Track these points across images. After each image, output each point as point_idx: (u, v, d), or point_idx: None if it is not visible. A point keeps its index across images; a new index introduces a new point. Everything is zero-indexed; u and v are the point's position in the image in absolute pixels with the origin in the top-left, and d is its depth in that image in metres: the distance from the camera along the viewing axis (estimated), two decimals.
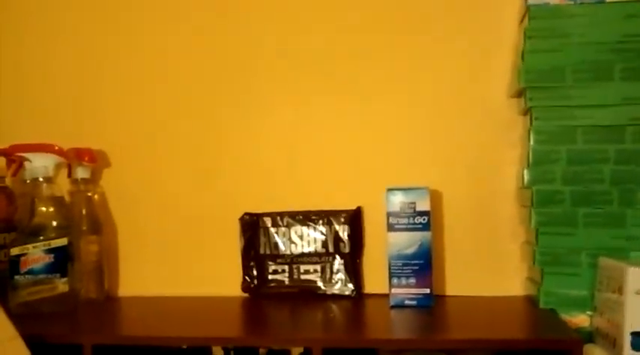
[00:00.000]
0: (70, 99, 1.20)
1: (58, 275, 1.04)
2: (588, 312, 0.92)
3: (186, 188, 1.16)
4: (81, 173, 1.13)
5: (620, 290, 0.79)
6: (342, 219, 1.09)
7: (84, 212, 1.13)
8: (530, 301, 1.00)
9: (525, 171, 0.96)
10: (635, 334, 0.77)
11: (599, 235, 0.93)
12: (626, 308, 0.78)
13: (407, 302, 0.99)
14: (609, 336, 0.83)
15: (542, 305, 0.94)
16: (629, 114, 0.92)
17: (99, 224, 1.14)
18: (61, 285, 1.04)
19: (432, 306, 0.99)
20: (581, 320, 0.92)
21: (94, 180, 1.16)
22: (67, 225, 1.07)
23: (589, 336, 0.90)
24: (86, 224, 1.12)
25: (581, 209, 0.93)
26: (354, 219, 1.10)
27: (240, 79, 1.14)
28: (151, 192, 1.17)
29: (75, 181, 1.13)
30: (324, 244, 1.10)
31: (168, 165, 1.17)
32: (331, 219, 1.10)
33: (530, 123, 0.95)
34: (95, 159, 1.15)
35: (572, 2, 0.93)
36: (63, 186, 1.11)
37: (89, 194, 1.14)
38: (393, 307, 0.99)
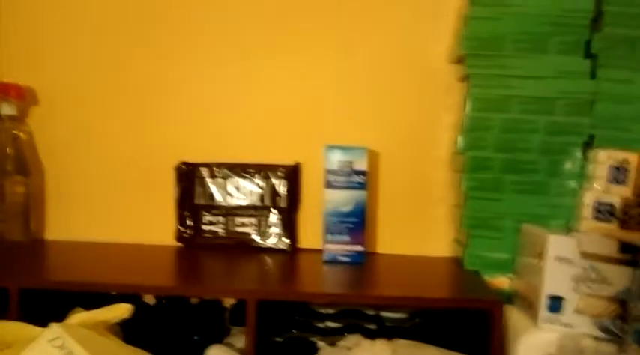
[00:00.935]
0: (3, 32, 1.13)
1: None
2: (509, 275, 0.97)
3: (121, 133, 1.13)
4: (6, 109, 1.08)
5: (540, 255, 0.84)
6: (280, 174, 1.10)
7: (10, 151, 1.08)
8: (456, 262, 1.05)
9: (459, 137, 0.99)
10: (551, 297, 0.82)
11: (525, 202, 0.97)
12: (545, 273, 0.82)
13: (340, 258, 1.02)
14: (527, 298, 0.88)
15: (466, 267, 0.99)
16: (561, 87, 0.95)
17: (26, 165, 1.10)
18: None
19: (363, 263, 1.02)
20: (501, 281, 0.97)
21: (21, 118, 1.11)
22: None
23: (508, 298, 0.95)
24: (12, 164, 1.08)
25: (509, 176, 0.97)
26: (292, 174, 1.10)
27: (182, 27, 1.11)
28: (83, 134, 1.13)
29: (0, 118, 1.08)
30: (261, 198, 1.10)
31: (103, 108, 1.13)
32: (269, 173, 1.10)
33: (468, 90, 0.98)
34: (23, 96, 1.09)
35: None
36: None
37: (15, 132, 1.09)
38: (326, 262, 1.02)
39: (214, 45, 1.11)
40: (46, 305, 0.89)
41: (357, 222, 1.01)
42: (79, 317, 0.80)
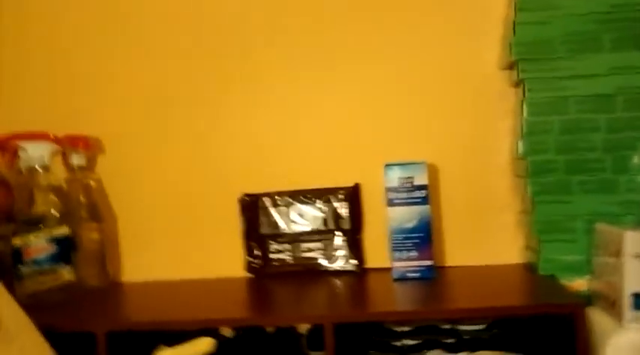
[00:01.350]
0: (63, 87, 1.19)
1: (62, 264, 1.04)
2: (586, 277, 0.95)
3: (184, 171, 1.17)
4: (76, 160, 1.13)
5: (618, 253, 0.82)
6: (341, 196, 1.11)
7: (82, 199, 1.13)
8: (529, 268, 1.03)
9: (519, 142, 0.98)
10: (635, 295, 0.80)
11: (594, 202, 0.96)
12: (625, 271, 0.81)
13: (409, 274, 1.02)
14: (609, 299, 0.86)
15: (541, 272, 0.98)
16: (617, 83, 0.94)
17: (98, 211, 1.14)
18: (66, 274, 1.05)
19: (434, 278, 1.01)
20: (579, 284, 0.95)
21: (90, 167, 1.16)
22: (67, 213, 1.07)
23: (587, 299, 0.93)
24: (85, 211, 1.12)
25: (575, 177, 0.96)
26: (353, 195, 1.11)
27: (234, 58, 1.15)
28: (148, 176, 1.17)
29: (71, 169, 1.13)
30: (324, 221, 1.12)
31: (164, 148, 1.17)
32: (330, 196, 1.11)
33: (523, 95, 0.98)
34: (90, 146, 1.15)
35: None
36: (59, 175, 1.11)
37: (86, 181, 1.14)
38: (395, 280, 1.02)
39: (265, 73, 1.14)
40: (130, 346, 0.92)
41: (422, 237, 1.01)
42: (166, 354, 0.82)
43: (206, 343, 0.82)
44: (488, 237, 1.10)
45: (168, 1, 1.16)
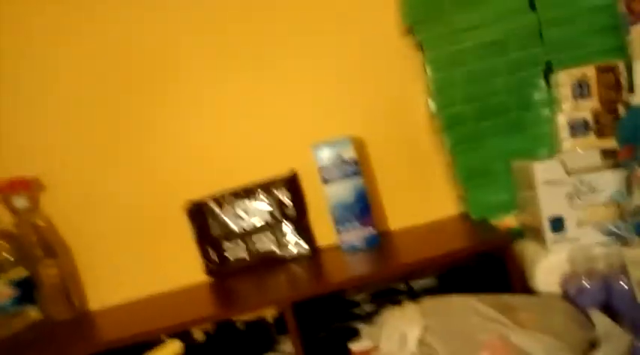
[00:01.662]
0: None
1: (27, 304, 1.07)
2: (513, 212, 1.02)
3: (127, 191, 1.19)
4: (19, 203, 1.15)
5: (531, 185, 0.89)
6: (281, 185, 1.16)
7: (34, 239, 1.15)
8: (464, 216, 1.09)
9: (429, 100, 1.04)
10: (552, 219, 0.87)
11: (507, 142, 1.02)
12: (539, 199, 0.87)
13: (356, 244, 1.07)
14: (533, 228, 0.93)
15: (473, 217, 1.04)
16: (506, 27, 1.00)
17: (52, 247, 1.16)
18: (33, 313, 1.08)
19: (379, 243, 1.07)
20: (508, 221, 1.02)
21: (34, 207, 1.18)
22: (21, 256, 1.10)
23: (519, 234, 0.99)
24: (39, 250, 1.15)
25: (485, 122, 1.02)
26: (292, 182, 1.16)
27: (162, 70, 1.17)
28: (94, 204, 1.19)
29: (16, 212, 1.15)
30: (271, 213, 1.16)
31: (103, 173, 1.19)
32: (271, 187, 1.16)
33: (424, 55, 1.03)
34: (30, 187, 1.16)
35: None
36: (6, 219, 1.13)
37: (34, 221, 1.16)
38: (345, 253, 1.07)
39: (193, 80, 1.17)
40: None
41: (361, 207, 1.07)
42: None
43: (174, 345, 0.86)
44: (423, 196, 1.15)
45: (97, 19, 1.16)
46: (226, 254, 1.17)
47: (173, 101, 1.18)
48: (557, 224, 0.86)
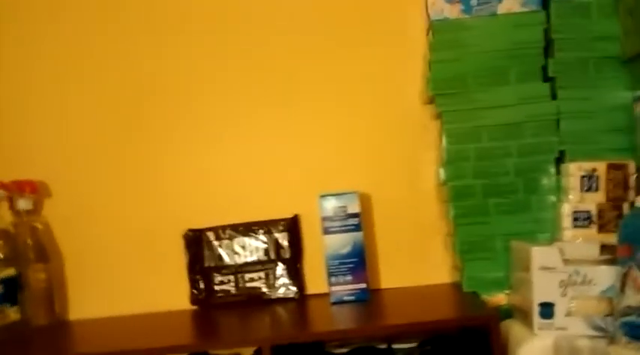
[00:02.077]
0: (6, 133, 1.22)
1: (8, 304, 1.07)
2: (506, 291, 1.02)
3: (128, 209, 1.21)
4: (23, 204, 1.16)
5: (527, 268, 0.90)
6: (281, 227, 1.17)
7: (29, 242, 1.16)
8: (456, 287, 1.10)
9: (441, 170, 1.06)
10: (542, 304, 0.87)
11: (510, 222, 1.04)
12: (533, 283, 0.88)
13: (345, 297, 1.08)
14: (523, 310, 0.93)
15: (465, 289, 1.04)
16: (525, 112, 1.03)
17: (45, 252, 1.17)
18: (12, 314, 1.07)
19: (368, 300, 1.07)
20: (499, 298, 1.02)
21: (36, 210, 1.19)
22: (14, 256, 1.10)
23: (507, 313, 1.00)
24: (33, 253, 1.15)
25: (492, 199, 1.04)
26: (292, 226, 1.17)
27: (176, 98, 1.20)
28: (93, 216, 1.21)
29: (18, 213, 1.16)
30: (266, 252, 1.17)
31: (109, 189, 1.21)
32: (271, 227, 1.17)
33: (442, 126, 1.06)
34: (36, 190, 1.18)
35: (468, 16, 1.04)
36: (6, 218, 1.14)
37: (33, 224, 1.17)
38: (333, 303, 1.07)
39: (207, 113, 1.20)
40: None
41: (356, 262, 1.07)
42: None
43: None
44: (419, 260, 1.17)
45: (116, 43, 1.21)
46: (215, 285, 1.17)
47: (185, 130, 1.21)
48: (547, 310, 0.87)
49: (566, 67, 1.03)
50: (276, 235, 1.17)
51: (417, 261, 1.17)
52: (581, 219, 0.95)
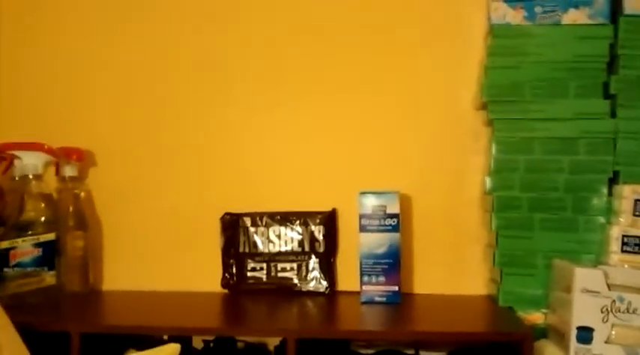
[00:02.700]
0: (60, 100, 1.25)
1: (45, 268, 1.09)
2: (543, 310, 0.99)
3: (170, 187, 1.22)
4: (68, 171, 1.18)
5: (568, 289, 0.87)
6: (318, 220, 1.16)
7: (71, 209, 1.18)
8: (491, 300, 1.07)
9: (487, 179, 1.03)
10: (580, 328, 0.84)
11: (554, 239, 1.00)
12: (573, 305, 0.85)
13: (376, 298, 1.06)
14: (559, 331, 0.90)
15: (501, 304, 1.02)
16: (581, 127, 1.00)
17: (85, 220, 1.19)
18: (49, 278, 1.09)
19: (399, 303, 1.06)
20: (536, 317, 1.00)
21: (80, 178, 1.21)
22: (55, 221, 1.12)
23: (543, 332, 0.97)
24: (73, 220, 1.17)
25: (538, 214, 1.01)
26: (329, 220, 1.16)
27: (222, 82, 1.21)
28: (135, 190, 1.22)
29: (63, 179, 1.18)
30: (301, 243, 1.16)
31: (153, 165, 1.22)
32: (307, 219, 1.16)
33: (493, 134, 1.03)
34: (82, 158, 1.20)
35: (532, 23, 1.01)
36: (51, 184, 1.16)
37: (76, 191, 1.19)
38: (363, 303, 1.06)
39: (251, 97, 1.20)
40: (104, 349, 0.96)
41: (391, 263, 1.06)
42: None
43: (172, 348, 0.85)
44: (455, 268, 1.14)
45: (165, 25, 1.22)
46: (247, 271, 1.17)
47: (233, 117, 1.21)
48: (585, 335, 0.84)
49: (628, 85, 0.99)
50: (313, 227, 1.16)
51: (454, 269, 1.14)
52: (630, 244, 0.91)
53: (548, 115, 1.01)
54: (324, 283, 1.14)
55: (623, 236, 0.93)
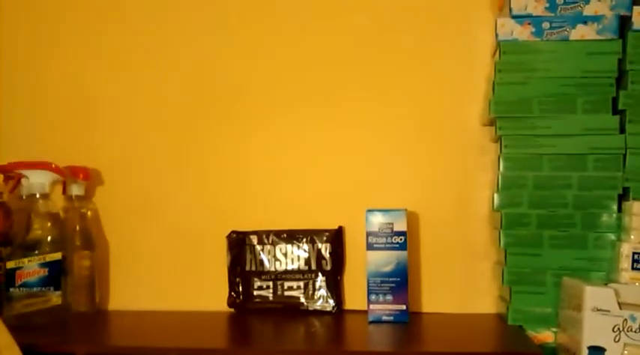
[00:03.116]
0: (66, 119, 1.25)
1: (51, 288, 1.08)
2: (553, 329, 0.98)
3: (176, 206, 1.21)
4: (75, 190, 1.18)
5: (579, 307, 0.85)
6: (325, 238, 1.15)
7: (77, 228, 1.18)
8: (500, 318, 1.06)
9: (495, 195, 1.02)
10: (591, 348, 0.83)
11: (563, 256, 0.99)
12: (584, 324, 0.84)
13: (384, 317, 1.05)
14: (570, 351, 0.88)
15: (510, 322, 1.00)
16: (590, 143, 0.99)
17: (92, 240, 1.19)
18: (55, 298, 1.08)
19: (407, 322, 1.04)
20: (545, 336, 0.98)
21: (87, 197, 1.21)
22: (62, 240, 1.11)
23: (553, 351, 0.95)
24: (79, 239, 1.17)
25: (547, 231, 0.99)
26: (336, 238, 1.15)
27: (227, 99, 1.20)
28: (141, 210, 1.22)
29: (69, 198, 1.18)
30: (307, 262, 1.15)
31: (159, 183, 1.22)
32: (314, 237, 1.15)
33: (500, 151, 1.02)
34: (89, 177, 1.20)
35: (539, 39, 1.01)
36: (58, 203, 1.16)
37: (83, 210, 1.19)
38: (371, 322, 1.05)
39: (258, 116, 1.20)
40: None
41: (398, 282, 1.05)
42: None
43: None
44: (464, 286, 1.13)
45: (168, 40, 1.22)
46: (253, 290, 1.16)
47: (238, 133, 1.20)
48: None
49: (637, 101, 0.97)
50: (319, 245, 1.15)
51: (462, 287, 1.13)
52: None
53: (556, 131, 1.00)
54: (331, 302, 1.13)
55: (634, 253, 0.91)
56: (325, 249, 1.15)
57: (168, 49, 1.23)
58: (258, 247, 1.17)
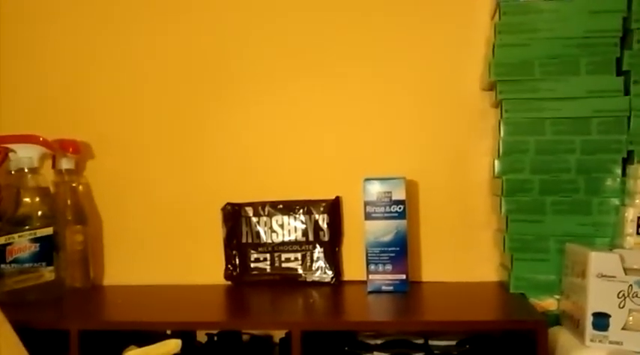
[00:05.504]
0: (56, 91, 1.22)
1: (43, 263, 1.06)
2: (556, 296, 0.96)
3: (170, 178, 1.19)
4: (65, 164, 1.16)
5: (583, 274, 0.83)
6: (322, 209, 1.13)
7: (69, 202, 1.15)
8: (502, 286, 1.04)
9: (496, 162, 1.00)
10: (596, 314, 0.81)
11: (567, 222, 0.97)
12: (588, 291, 0.82)
13: (384, 287, 1.03)
14: (574, 318, 0.87)
15: (512, 290, 0.98)
16: (593, 106, 0.96)
17: (84, 214, 1.16)
18: (47, 274, 1.06)
19: (407, 291, 1.02)
20: (549, 303, 0.96)
21: (78, 170, 1.18)
22: (53, 215, 1.09)
23: (556, 319, 0.94)
24: (71, 214, 1.15)
25: (549, 197, 0.97)
26: (333, 208, 1.13)
27: (221, 71, 1.17)
28: (134, 182, 1.20)
29: (59, 172, 1.16)
30: (305, 233, 1.13)
31: (152, 156, 1.19)
32: (311, 208, 1.13)
33: (501, 115, 0.99)
34: (79, 150, 1.17)
35: None
36: (48, 177, 1.13)
37: (74, 184, 1.17)
38: (370, 292, 1.03)
39: (252, 85, 1.16)
40: (104, 346, 0.93)
41: (398, 251, 1.03)
42: (133, 354, 0.84)
43: (173, 344, 0.83)
44: (464, 254, 1.11)
45: (163, 14, 1.19)
46: (250, 262, 1.14)
47: (232, 105, 1.18)
48: (602, 322, 0.81)
49: None
50: (316, 216, 1.13)
51: (463, 255, 1.11)
52: None
53: (558, 94, 0.97)
54: (330, 273, 1.11)
55: (639, 218, 0.89)
56: (322, 220, 1.13)
57: (161, 20, 1.19)
58: (254, 219, 1.14)
